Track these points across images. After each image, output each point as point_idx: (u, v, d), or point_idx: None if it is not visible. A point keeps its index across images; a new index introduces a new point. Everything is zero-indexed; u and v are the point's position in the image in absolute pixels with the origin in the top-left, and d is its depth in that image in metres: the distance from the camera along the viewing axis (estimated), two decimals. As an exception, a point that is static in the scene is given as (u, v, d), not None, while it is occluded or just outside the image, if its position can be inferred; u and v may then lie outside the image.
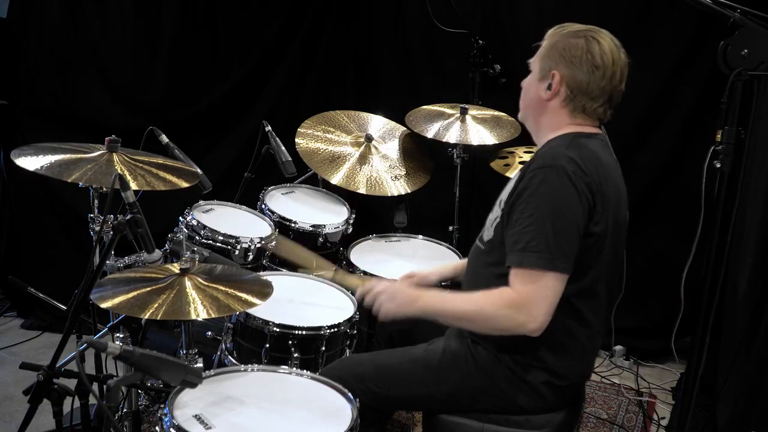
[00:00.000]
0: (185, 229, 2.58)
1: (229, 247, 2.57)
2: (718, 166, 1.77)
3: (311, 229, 2.84)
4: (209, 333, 2.49)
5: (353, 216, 3.02)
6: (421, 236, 3.06)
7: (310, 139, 3.17)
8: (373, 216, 3.66)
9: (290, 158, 2.96)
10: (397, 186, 3.14)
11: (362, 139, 3.24)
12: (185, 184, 2.23)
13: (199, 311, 1.74)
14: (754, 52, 1.68)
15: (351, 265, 2.73)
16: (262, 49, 4.02)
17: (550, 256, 1.77)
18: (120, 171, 2.08)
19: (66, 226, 3.66)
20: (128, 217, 1.86)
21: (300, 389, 1.91)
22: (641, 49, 2.15)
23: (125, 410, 2.12)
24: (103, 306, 1.73)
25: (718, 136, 1.76)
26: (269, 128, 3.01)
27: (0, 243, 3.69)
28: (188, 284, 1.83)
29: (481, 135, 3.21)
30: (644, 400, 3.34)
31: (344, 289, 2.47)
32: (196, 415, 1.71)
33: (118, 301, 1.73)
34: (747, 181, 2.76)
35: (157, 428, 1.80)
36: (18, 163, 2.07)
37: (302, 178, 3.20)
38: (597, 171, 1.84)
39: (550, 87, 1.94)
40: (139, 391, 2.13)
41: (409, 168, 3.25)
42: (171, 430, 1.67)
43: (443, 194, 3.52)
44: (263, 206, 2.90)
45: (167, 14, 3.76)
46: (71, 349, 1.76)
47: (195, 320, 2.06)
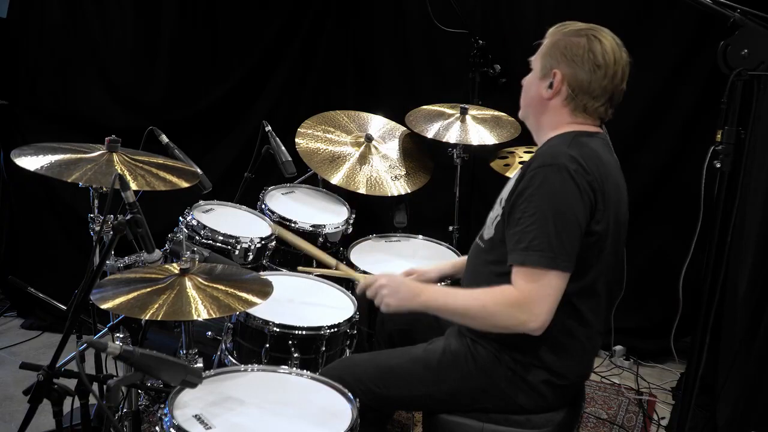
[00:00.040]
0: (185, 229, 2.58)
1: (229, 247, 2.57)
2: (718, 166, 1.77)
3: (311, 229, 2.84)
4: (209, 333, 2.49)
5: (353, 216, 3.02)
6: (421, 236, 3.06)
7: (310, 139, 3.17)
8: (373, 216, 3.66)
9: (290, 158, 2.96)
10: (397, 186, 3.14)
11: (362, 139, 3.24)
12: (185, 184, 2.23)
13: (199, 311, 1.74)
14: (754, 52, 1.68)
15: (351, 265, 2.73)
16: (262, 49, 4.02)
17: (552, 255, 1.77)
18: (120, 171, 2.08)
19: (66, 226, 3.66)
20: (128, 217, 1.86)
21: (300, 389, 1.91)
22: (641, 49, 2.15)
23: (125, 410, 2.12)
24: (104, 307, 1.73)
25: (718, 136, 1.76)
26: (269, 128, 3.01)
27: (0, 243, 3.69)
28: (188, 284, 1.83)
29: (481, 135, 3.21)
30: (644, 399, 3.34)
31: (344, 289, 2.47)
32: (196, 415, 1.71)
33: (118, 302, 1.73)
34: (747, 181, 2.76)
35: (157, 428, 1.80)
36: (18, 163, 2.07)
37: (302, 178, 3.20)
38: (598, 169, 1.84)
39: (551, 86, 1.94)
40: (139, 391, 2.13)
41: (409, 168, 3.24)
42: (171, 430, 1.67)
43: (443, 194, 3.52)
44: (263, 206, 2.90)
45: (167, 14, 3.76)
46: (71, 349, 1.76)
47: (195, 320, 2.06)
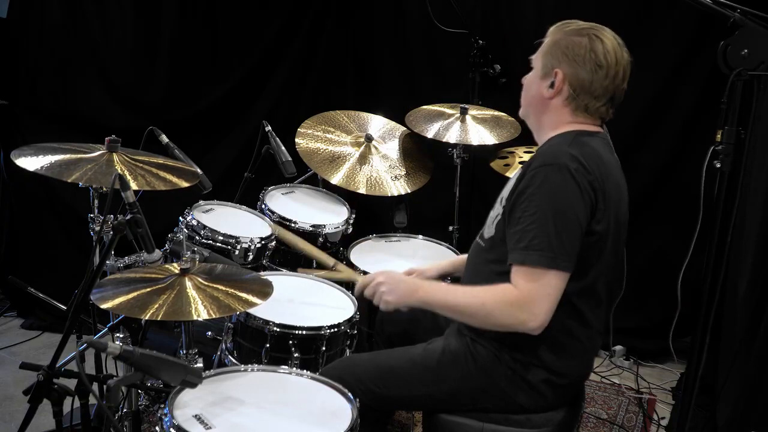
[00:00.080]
0: (185, 229, 2.58)
1: (229, 247, 2.57)
2: (718, 166, 1.76)
3: (311, 229, 2.84)
4: (209, 333, 2.49)
5: (353, 216, 3.02)
6: (421, 236, 3.06)
7: (310, 139, 3.17)
8: (373, 216, 3.66)
9: (290, 158, 2.96)
10: (397, 186, 3.14)
11: (362, 139, 3.24)
12: (185, 184, 2.23)
13: (199, 311, 1.74)
14: (754, 52, 1.68)
15: (351, 265, 2.73)
16: (262, 49, 4.02)
17: (552, 255, 1.77)
18: (120, 171, 2.08)
19: (66, 226, 3.66)
20: (128, 217, 1.86)
21: (300, 389, 1.91)
22: (641, 49, 2.15)
23: (125, 410, 2.12)
24: (104, 307, 1.73)
25: (718, 136, 1.76)
26: (269, 128, 3.01)
27: (0, 243, 3.69)
28: (188, 284, 1.82)
29: (481, 135, 3.21)
30: (644, 397, 3.34)
31: (344, 289, 2.47)
32: (196, 415, 1.71)
33: (118, 302, 1.73)
34: (747, 181, 2.76)
35: (157, 428, 1.80)
36: (18, 163, 2.07)
37: (302, 178, 3.20)
38: (599, 169, 1.84)
39: (552, 85, 1.93)
40: (139, 391, 2.13)
41: (409, 168, 3.24)
42: (171, 430, 1.67)
43: (443, 194, 3.52)
44: (263, 206, 2.90)
45: (167, 14, 3.76)
46: (71, 349, 1.76)
47: (195, 320, 2.06)
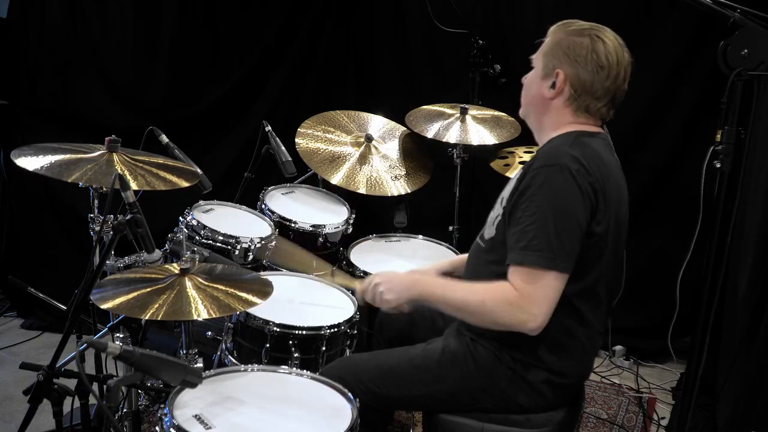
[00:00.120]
0: (185, 229, 2.58)
1: (229, 247, 2.56)
2: (718, 166, 1.76)
3: (311, 229, 2.84)
4: (209, 333, 2.49)
5: (353, 216, 3.02)
6: (421, 236, 3.06)
7: (310, 139, 3.17)
8: (373, 216, 3.66)
9: (290, 158, 2.95)
10: (397, 186, 3.14)
11: (362, 139, 3.24)
12: (185, 184, 2.23)
13: (199, 311, 1.74)
14: (754, 52, 1.68)
15: (351, 265, 2.73)
16: (262, 49, 4.02)
17: (551, 255, 1.76)
18: (120, 171, 2.08)
19: (66, 226, 3.66)
20: (128, 217, 1.86)
21: (300, 389, 1.91)
22: (641, 49, 2.14)
23: (125, 410, 2.12)
24: (104, 307, 1.73)
25: (718, 136, 1.75)
26: (269, 128, 3.01)
27: (0, 243, 3.69)
28: (188, 284, 1.82)
29: (481, 135, 3.21)
30: (644, 397, 3.34)
31: (344, 289, 2.47)
32: (196, 415, 1.71)
33: (118, 302, 1.73)
34: (747, 181, 2.76)
35: (157, 428, 1.80)
36: (18, 163, 2.07)
37: (302, 178, 3.20)
38: (599, 170, 1.84)
39: (553, 85, 1.93)
40: (139, 391, 2.13)
41: (409, 168, 3.24)
42: (171, 430, 1.67)
43: (443, 194, 3.52)
44: (263, 206, 2.90)
45: (167, 14, 3.76)
46: (71, 349, 1.76)
47: (195, 320, 2.06)
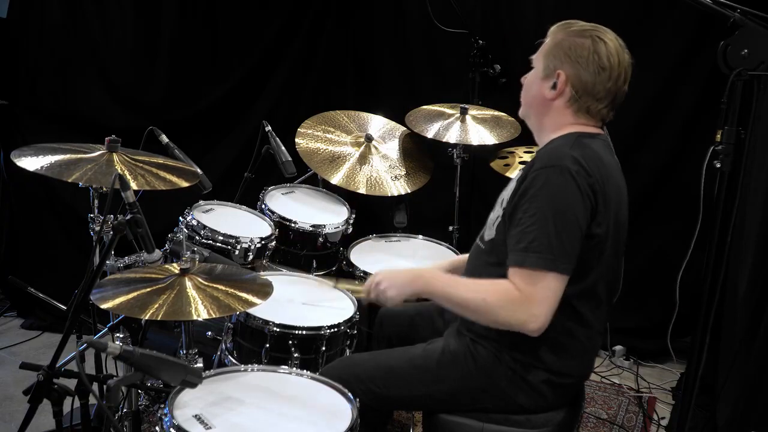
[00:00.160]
0: (185, 229, 2.58)
1: (229, 247, 2.56)
2: (718, 166, 1.76)
3: (311, 229, 2.84)
4: (209, 333, 2.49)
5: (353, 216, 3.02)
6: (421, 236, 3.06)
7: (310, 139, 3.17)
8: (373, 216, 3.66)
9: (290, 158, 2.95)
10: (397, 186, 3.14)
11: (362, 139, 3.24)
12: (185, 184, 2.23)
13: (199, 311, 1.74)
14: (754, 52, 1.68)
15: (351, 265, 2.73)
16: (262, 49, 4.02)
17: (552, 257, 1.76)
18: (120, 171, 2.08)
19: (66, 226, 3.65)
20: (128, 217, 1.86)
21: (300, 389, 1.91)
22: (641, 49, 2.14)
23: (125, 410, 2.12)
24: (104, 307, 1.73)
25: (718, 136, 1.75)
26: (269, 128, 3.01)
27: (0, 243, 3.69)
28: (188, 284, 1.83)
29: (481, 135, 3.21)
30: (644, 397, 3.34)
31: (344, 290, 2.47)
32: (196, 415, 1.71)
33: (118, 302, 1.73)
34: (747, 181, 2.76)
35: (157, 428, 1.81)
36: (18, 164, 2.07)
37: (302, 178, 3.20)
38: (599, 171, 1.83)
39: (554, 86, 1.92)
40: (139, 391, 2.13)
41: (409, 168, 3.24)
42: (171, 430, 1.67)
43: (443, 194, 3.52)
44: (263, 206, 2.90)
45: (167, 14, 3.76)
46: (71, 349, 1.76)
47: (195, 320, 2.06)
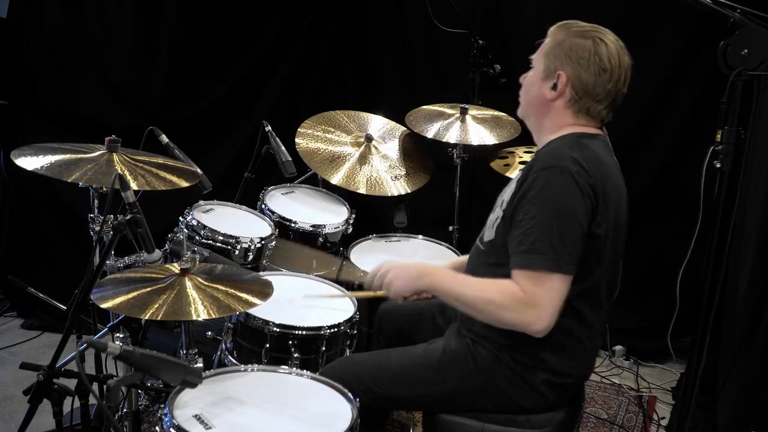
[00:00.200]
0: (185, 229, 2.58)
1: (229, 247, 2.56)
2: (718, 166, 1.76)
3: (311, 229, 2.84)
4: (209, 333, 2.49)
5: (353, 216, 3.02)
6: (421, 236, 3.06)
7: (310, 139, 3.17)
8: (373, 216, 3.66)
9: (290, 158, 2.96)
10: (397, 186, 3.14)
11: (362, 139, 3.24)
12: (185, 184, 2.23)
13: (199, 311, 1.74)
14: (754, 52, 1.68)
15: (351, 266, 2.73)
16: (262, 49, 4.02)
17: (555, 257, 1.76)
18: (120, 171, 2.08)
19: (66, 226, 3.66)
20: (128, 217, 1.86)
21: (300, 389, 1.91)
22: (641, 49, 2.14)
23: (125, 410, 2.12)
24: (104, 306, 1.73)
25: (718, 136, 1.75)
26: (269, 128, 3.01)
27: (0, 243, 3.69)
28: (188, 284, 1.83)
29: (481, 135, 3.21)
30: (644, 397, 3.34)
31: (344, 289, 2.47)
32: (196, 415, 1.71)
33: (118, 302, 1.73)
34: (747, 181, 2.76)
35: (157, 428, 1.80)
36: (18, 163, 2.07)
37: (302, 178, 3.20)
38: (599, 171, 1.83)
39: (555, 87, 1.92)
40: (139, 391, 2.13)
41: (409, 168, 3.24)
42: (171, 430, 1.67)
43: (443, 194, 3.52)
44: (263, 206, 2.90)
45: (167, 14, 3.76)
46: (71, 349, 1.76)
47: (195, 320, 2.06)
